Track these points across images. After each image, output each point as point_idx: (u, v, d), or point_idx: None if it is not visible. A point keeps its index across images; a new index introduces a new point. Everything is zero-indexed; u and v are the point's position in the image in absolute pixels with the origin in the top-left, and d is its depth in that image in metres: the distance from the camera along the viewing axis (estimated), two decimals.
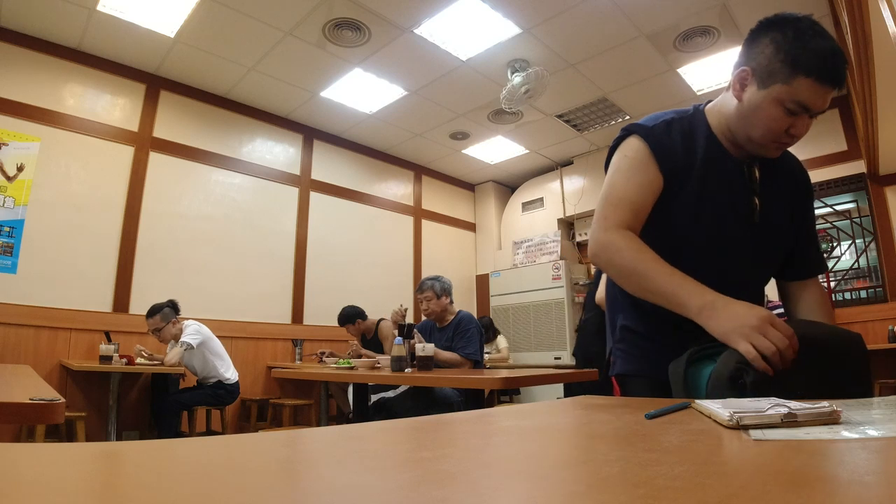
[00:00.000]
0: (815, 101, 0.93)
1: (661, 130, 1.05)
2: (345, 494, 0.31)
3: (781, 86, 0.93)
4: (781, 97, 0.94)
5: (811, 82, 0.91)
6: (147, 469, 0.38)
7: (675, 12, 3.48)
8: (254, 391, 4.43)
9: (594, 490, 0.33)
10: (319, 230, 5.13)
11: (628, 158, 1.05)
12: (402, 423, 0.66)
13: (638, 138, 1.05)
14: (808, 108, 0.94)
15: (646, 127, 1.05)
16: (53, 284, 3.56)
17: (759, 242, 1.06)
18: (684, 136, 1.05)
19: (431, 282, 3.01)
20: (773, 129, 0.97)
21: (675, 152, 1.03)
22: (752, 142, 1.02)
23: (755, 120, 0.99)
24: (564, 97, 4.62)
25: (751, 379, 0.76)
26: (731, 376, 0.78)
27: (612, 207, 1.02)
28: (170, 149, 4.26)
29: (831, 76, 0.92)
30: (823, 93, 0.93)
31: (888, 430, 0.48)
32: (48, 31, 3.64)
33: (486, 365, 3.30)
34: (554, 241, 5.92)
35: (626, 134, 1.08)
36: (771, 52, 0.94)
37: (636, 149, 1.04)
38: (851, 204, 4.36)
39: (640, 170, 1.03)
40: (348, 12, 3.48)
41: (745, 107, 1.00)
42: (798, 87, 0.92)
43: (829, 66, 0.91)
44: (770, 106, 0.96)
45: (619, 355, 1.16)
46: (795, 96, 0.93)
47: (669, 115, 1.08)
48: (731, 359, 0.81)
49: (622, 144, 1.08)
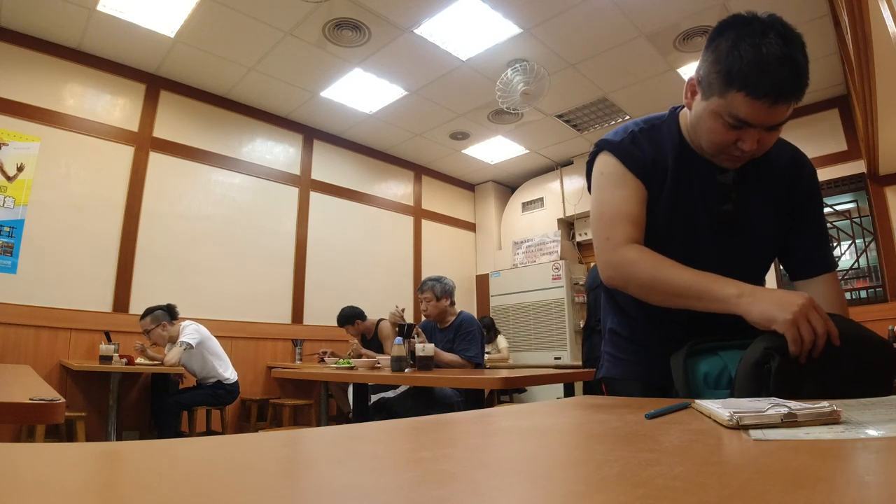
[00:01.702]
0: (755, 117, 0.86)
1: (627, 142, 1.04)
2: (345, 494, 0.31)
3: (718, 99, 0.89)
4: (719, 110, 0.90)
5: (743, 97, 0.85)
6: (147, 469, 0.38)
7: (675, 12, 3.48)
8: (254, 391, 4.43)
9: (594, 490, 0.33)
10: (319, 230, 5.13)
11: (605, 175, 1.04)
12: (402, 423, 0.66)
13: (608, 154, 1.05)
14: (748, 123, 0.88)
15: (612, 142, 1.05)
16: (53, 284, 3.56)
17: (735, 249, 1.03)
18: (653, 144, 1.04)
19: (433, 283, 3.00)
20: (716, 143, 0.94)
21: (645, 161, 1.02)
22: (705, 151, 0.99)
23: (700, 131, 0.96)
24: (564, 97, 4.62)
25: (776, 365, 0.75)
26: (757, 361, 0.78)
27: (609, 226, 1.00)
28: (170, 149, 4.26)
29: (768, 90, 0.83)
30: (762, 108, 0.85)
31: (888, 430, 0.48)
32: (48, 31, 3.64)
33: (486, 365, 3.29)
34: (554, 241, 5.92)
35: (597, 150, 1.08)
36: (712, 60, 0.89)
37: (610, 164, 1.04)
38: (851, 204, 4.36)
39: (621, 183, 1.02)
40: (348, 12, 3.48)
41: (693, 117, 0.98)
42: (732, 101, 0.87)
43: (765, 80, 0.83)
44: (710, 118, 0.92)
45: (606, 359, 1.16)
46: (731, 110, 0.88)
47: (637, 126, 1.06)
48: (759, 345, 0.80)
49: (596, 162, 1.08)
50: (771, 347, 0.78)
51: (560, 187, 6.08)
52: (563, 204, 6.02)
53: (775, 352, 0.77)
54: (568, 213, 5.98)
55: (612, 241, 0.99)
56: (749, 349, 0.82)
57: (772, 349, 0.77)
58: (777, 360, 0.76)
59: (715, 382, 0.92)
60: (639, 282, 0.96)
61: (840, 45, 3.23)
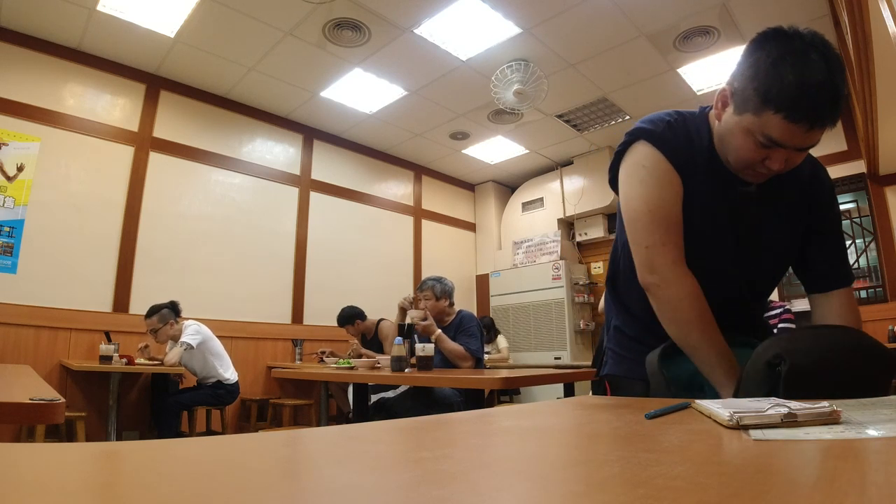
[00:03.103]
0: (789, 139, 0.85)
1: (668, 134, 1.00)
2: (345, 494, 0.31)
3: (752, 116, 0.86)
4: (752, 128, 0.87)
5: (780, 119, 0.83)
6: (147, 469, 0.38)
7: (675, 12, 3.48)
8: (254, 391, 4.43)
9: (594, 490, 0.33)
10: (319, 230, 5.13)
11: (647, 169, 0.99)
12: (402, 423, 0.66)
13: (647, 145, 1.00)
14: (781, 145, 0.86)
15: (654, 132, 1.00)
16: (53, 284, 3.56)
17: (750, 259, 1.03)
18: (686, 139, 1.00)
19: (433, 282, 3.00)
20: (744, 159, 0.92)
21: (682, 155, 0.99)
22: (730, 164, 0.97)
23: (728, 145, 0.94)
24: (564, 97, 4.61)
25: (787, 368, 0.76)
26: (770, 361, 0.79)
27: (663, 231, 0.96)
28: (170, 149, 4.26)
29: (806, 115, 0.81)
30: (798, 131, 0.83)
31: (888, 430, 0.48)
32: (48, 31, 3.64)
33: (486, 365, 3.29)
34: (554, 241, 5.92)
35: (633, 139, 1.02)
36: (750, 75, 0.86)
37: (651, 156, 0.99)
38: (851, 204, 4.36)
39: (666, 180, 0.98)
40: (348, 12, 3.48)
41: (722, 128, 0.95)
42: (767, 121, 0.84)
43: (805, 104, 0.81)
44: (741, 134, 0.90)
45: (610, 356, 1.17)
46: (765, 130, 0.85)
47: (671, 116, 1.02)
48: (772, 346, 0.81)
49: (632, 151, 1.03)
50: (783, 351, 0.78)
51: (560, 187, 6.08)
52: (563, 204, 6.02)
53: (787, 355, 0.77)
54: (568, 213, 5.98)
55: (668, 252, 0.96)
56: (762, 348, 0.83)
57: (784, 352, 0.78)
58: (788, 364, 0.76)
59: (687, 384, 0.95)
60: (670, 317, 0.96)
61: (840, 45, 3.23)
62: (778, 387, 0.76)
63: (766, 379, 0.78)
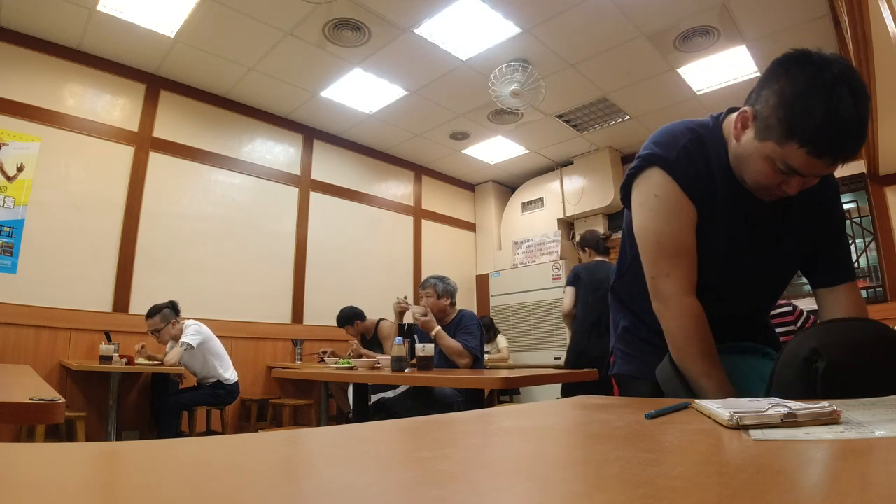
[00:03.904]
0: (810, 170, 0.85)
1: (683, 160, 0.99)
2: (345, 494, 0.31)
3: (774, 145, 0.86)
4: (773, 156, 0.87)
5: (804, 153, 0.82)
6: (147, 469, 0.38)
7: (675, 12, 3.48)
8: (254, 391, 4.43)
9: (594, 490, 0.33)
10: (319, 230, 5.13)
11: (661, 199, 0.99)
12: (402, 423, 0.66)
13: (661, 172, 0.99)
14: (801, 174, 0.86)
15: (668, 159, 0.98)
16: (53, 284, 3.56)
17: (766, 268, 1.04)
18: (702, 160, 0.99)
19: (435, 281, 3.00)
20: (761, 182, 0.92)
21: (698, 182, 0.98)
22: (745, 182, 0.97)
23: (745, 166, 0.94)
24: (564, 97, 4.61)
25: (824, 365, 0.75)
26: (807, 358, 0.78)
27: (670, 262, 0.98)
28: (170, 149, 4.26)
29: (830, 151, 0.81)
30: (821, 164, 0.83)
31: (888, 430, 0.48)
32: (48, 31, 3.64)
33: (486, 365, 3.29)
34: (554, 241, 5.92)
35: (646, 164, 1.01)
36: (775, 103, 0.85)
37: (664, 185, 0.98)
38: (851, 204, 4.36)
39: (678, 209, 0.98)
40: (348, 12, 3.48)
41: (741, 149, 0.94)
42: (790, 152, 0.84)
43: (831, 142, 0.80)
44: (761, 161, 0.89)
45: (618, 356, 1.18)
46: (786, 160, 0.85)
47: (686, 136, 1.00)
48: (806, 342, 0.79)
49: (644, 177, 1.02)
50: (819, 347, 0.77)
51: (560, 187, 6.08)
52: (563, 204, 6.02)
53: (823, 352, 0.76)
54: (568, 213, 5.98)
55: (673, 283, 0.98)
56: (796, 343, 0.82)
57: (820, 349, 0.77)
58: (825, 361, 0.75)
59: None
60: (677, 346, 0.98)
61: (840, 45, 3.23)
62: (815, 385, 0.75)
63: (806, 379, 0.77)
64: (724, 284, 1.03)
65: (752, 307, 1.10)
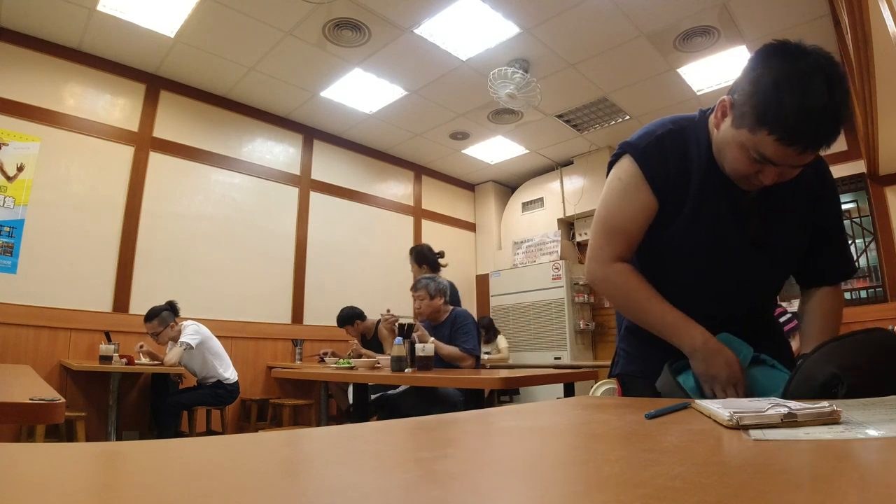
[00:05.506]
0: (781, 159, 0.85)
1: (653, 150, 1.00)
2: (345, 494, 0.31)
3: (747, 133, 0.86)
4: (746, 144, 0.87)
5: (773, 141, 0.82)
6: (147, 469, 0.38)
7: (675, 12, 3.48)
8: (254, 391, 4.43)
9: (594, 490, 0.33)
10: (319, 230, 5.13)
11: (622, 182, 1.02)
12: (402, 422, 0.66)
13: (630, 160, 1.02)
14: (773, 163, 0.86)
15: (638, 147, 1.01)
16: (53, 284, 3.56)
17: (757, 264, 1.03)
18: (679, 153, 1.00)
19: (426, 281, 2.99)
20: (738, 171, 0.92)
21: (667, 173, 0.99)
22: (725, 171, 0.97)
23: (724, 155, 0.95)
24: (564, 97, 4.62)
25: (844, 391, 0.74)
26: (825, 383, 0.76)
27: (607, 237, 1.04)
28: (170, 149, 4.26)
29: (800, 139, 0.81)
30: (791, 153, 0.83)
31: (888, 430, 0.48)
32: (48, 31, 3.63)
33: (485, 365, 3.29)
34: (554, 241, 5.92)
35: (621, 152, 1.05)
36: (749, 91, 0.86)
37: (629, 172, 1.02)
38: (851, 204, 4.36)
39: (633, 195, 1.01)
40: (348, 12, 3.48)
41: (720, 138, 0.95)
42: (761, 140, 0.84)
43: (801, 130, 0.80)
44: (736, 148, 0.90)
45: (622, 356, 1.18)
46: (758, 148, 0.85)
47: (665, 128, 1.02)
48: (825, 365, 0.78)
49: (617, 163, 1.06)
50: (839, 369, 0.76)
51: (560, 187, 6.08)
52: (563, 204, 6.02)
53: (843, 377, 0.75)
54: (568, 213, 5.98)
55: (603, 253, 1.04)
56: (811, 364, 0.80)
57: (839, 374, 0.75)
58: (845, 388, 0.74)
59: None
60: (616, 303, 1.09)
61: (840, 45, 3.23)
62: None
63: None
64: (716, 280, 1.02)
65: (751, 305, 1.08)
